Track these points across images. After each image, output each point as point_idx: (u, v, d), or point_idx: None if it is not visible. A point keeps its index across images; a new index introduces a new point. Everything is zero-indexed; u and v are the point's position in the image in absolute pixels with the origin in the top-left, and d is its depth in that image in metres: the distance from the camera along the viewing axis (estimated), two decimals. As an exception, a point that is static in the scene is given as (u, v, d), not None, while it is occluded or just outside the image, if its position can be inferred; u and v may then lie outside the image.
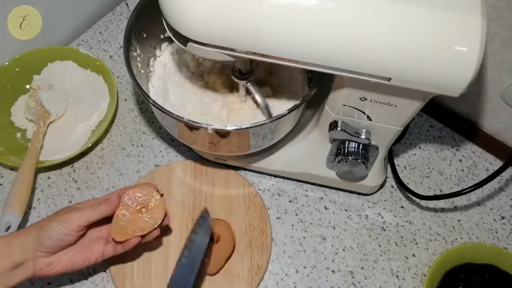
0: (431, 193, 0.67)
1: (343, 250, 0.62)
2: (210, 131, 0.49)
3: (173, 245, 0.59)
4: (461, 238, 0.63)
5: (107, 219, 0.51)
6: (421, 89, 0.41)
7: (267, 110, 0.55)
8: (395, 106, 0.47)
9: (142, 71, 0.59)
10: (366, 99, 0.48)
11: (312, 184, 0.66)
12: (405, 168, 0.69)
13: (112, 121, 0.70)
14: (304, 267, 0.60)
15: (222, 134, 0.51)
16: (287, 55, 0.41)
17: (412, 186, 0.65)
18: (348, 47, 0.40)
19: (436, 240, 0.63)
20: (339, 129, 0.52)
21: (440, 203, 0.66)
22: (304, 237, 0.62)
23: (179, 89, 0.60)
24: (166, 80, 0.61)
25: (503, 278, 0.57)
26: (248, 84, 0.54)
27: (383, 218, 0.64)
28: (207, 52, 0.43)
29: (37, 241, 0.47)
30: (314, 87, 0.52)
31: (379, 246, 0.62)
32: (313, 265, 0.60)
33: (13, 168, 0.66)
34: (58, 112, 0.69)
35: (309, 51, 0.41)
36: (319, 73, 0.50)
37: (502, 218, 0.65)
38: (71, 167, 0.67)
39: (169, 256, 0.59)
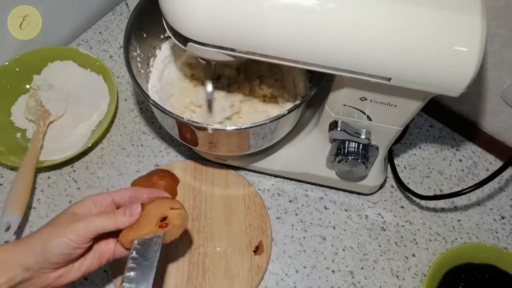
0: (431, 193, 0.67)
1: (343, 250, 0.62)
2: (210, 131, 0.49)
3: (173, 245, 0.59)
4: (461, 238, 0.63)
5: None
6: (421, 89, 0.41)
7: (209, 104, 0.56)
8: (395, 106, 0.47)
9: (142, 71, 0.59)
10: (366, 99, 0.48)
11: (312, 184, 0.66)
12: (405, 168, 0.69)
13: (112, 121, 0.70)
14: (304, 267, 0.60)
15: (222, 134, 0.51)
16: (287, 55, 0.41)
17: (412, 186, 0.65)
18: (347, 47, 0.40)
19: (436, 240, 0.63)
20: (339, 129, 0.52)
21: (440, 203, 0.66)
22: (304, 237, 0.62)
23: (179, 89, 0.60)
24: (166, 79, 0.61)
25: (503, 278, 0.57)
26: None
27: (383, 218, 0.64)
28: (207, 52, 0.43)
29: (42, 258, 0.41)
30: (314, 87, 0.52)
31: (379, 246, 0.62)
32: (313, 265, 0.60)
33: (13, 168, 0.66)
34: (58, 112, 0.69)
35: (309, 51, 0.41)
36: (319, 73, 0.50)
37: (502, 218, 0.65)
38: (71, 167, 0.67)
39: (168, 256, 0.59)
